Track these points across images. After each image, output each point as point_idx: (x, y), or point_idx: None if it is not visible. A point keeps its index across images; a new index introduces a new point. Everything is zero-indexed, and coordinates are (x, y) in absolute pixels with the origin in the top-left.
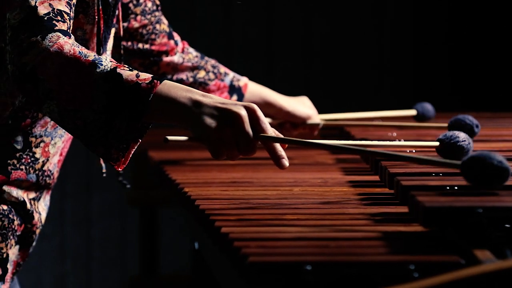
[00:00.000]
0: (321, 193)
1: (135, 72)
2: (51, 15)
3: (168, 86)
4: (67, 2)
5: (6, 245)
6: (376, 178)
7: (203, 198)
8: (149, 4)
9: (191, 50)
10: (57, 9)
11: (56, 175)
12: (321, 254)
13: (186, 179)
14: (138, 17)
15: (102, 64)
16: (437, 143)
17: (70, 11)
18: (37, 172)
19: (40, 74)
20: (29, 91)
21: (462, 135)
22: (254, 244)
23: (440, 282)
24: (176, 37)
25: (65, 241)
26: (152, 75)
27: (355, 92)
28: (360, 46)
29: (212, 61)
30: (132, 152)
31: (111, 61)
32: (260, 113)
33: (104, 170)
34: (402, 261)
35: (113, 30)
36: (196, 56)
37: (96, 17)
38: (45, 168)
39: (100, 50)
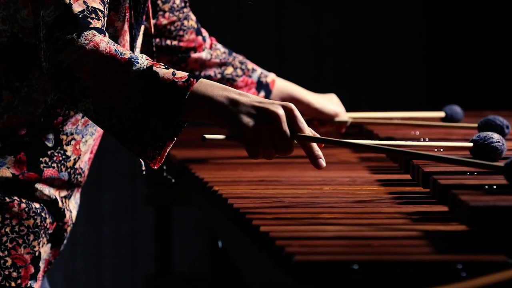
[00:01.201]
0: (352, 192)
1: (171, 70)
2: (85, 12)
3: (204, 85)
4: (101, 0)
5: (39, 243)
6: (405, 176)
7: (234, 197)
8: (177, 1)
9: (219, 46)
10: (91, 7)
11: (86, 172)
12: (365, 254)
13: (214, 178)
14: (166, 14)
15: (138, 62)
16: (470, 144)
17: (104, 9)
18: (69, 170)
19: (76, 72)
20: (65, 89)
21: (496, 136)
22: (296, 243)
23: (490, 281)
24: (204, 33)
25: (76, 239)
26: (188, 73)
27: (366, 89)
28: (371, 43)
29: (240, 57)
30: (168, 150)
31: (147, 59)
32: (297, 112)
33: (143, 168)
34: (449, 261)
35: (142, 27)
36: (224, 52)
37: (127, 14)
38: (76, 166)
39: (133, 48)
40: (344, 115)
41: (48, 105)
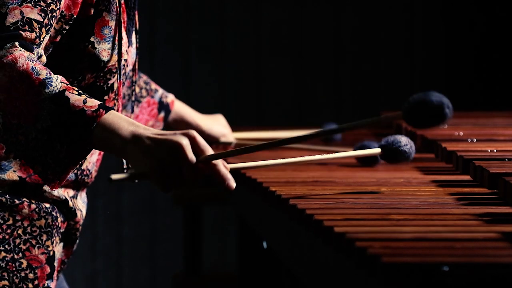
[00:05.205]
0: (411, 193)
1: (83, 97)
2: (18, 24)
3: (113, 116)
4: (42, 9)
5: (52, 243)
6: (460, 177)
7: (295, 198)
8: None
9: None
10: (27, 18)
11: (94, 174)
12: (450, 255)
13: (266, 178)
14: None
15: (51, 85)
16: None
17: (45, 19)
18: (75, 171)
19: None
20: None
21: (403, 139)
22: (378, 245)
23: None
24: None
25: (96, 240)
26: (99, 103)
27: (386, 89)
28: (391, 44)
29: (144, 77)
30: (68, 176)
31: (61, 82)
32: (199, 138)
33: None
34: None
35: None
36: None
37: (118, 9)
38: (83, 167)
39: (121, 45)
40: (230, 136)
41: None
